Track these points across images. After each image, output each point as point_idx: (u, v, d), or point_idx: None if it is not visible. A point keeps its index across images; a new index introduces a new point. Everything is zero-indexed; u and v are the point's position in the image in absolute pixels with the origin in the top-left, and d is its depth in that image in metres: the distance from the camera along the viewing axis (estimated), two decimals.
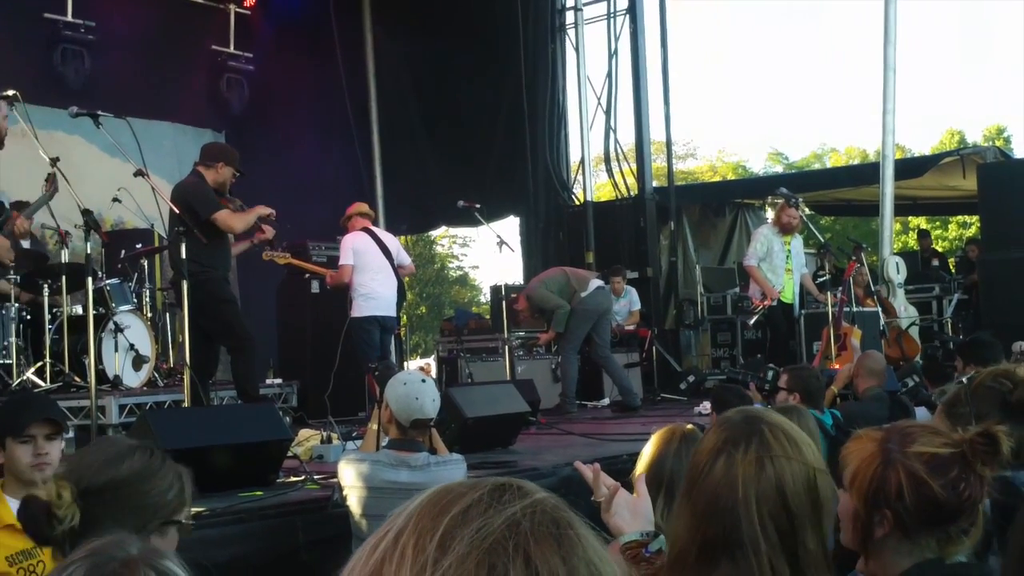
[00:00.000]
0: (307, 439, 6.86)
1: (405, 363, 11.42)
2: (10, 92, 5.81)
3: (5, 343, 8.59)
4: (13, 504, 3.44)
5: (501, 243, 10.01)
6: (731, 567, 1.79)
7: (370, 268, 9.05)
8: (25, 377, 8.34)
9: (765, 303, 10.27)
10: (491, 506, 0.98)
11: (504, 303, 10.31)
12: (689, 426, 3.24)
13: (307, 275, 10.37)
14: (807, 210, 11.25)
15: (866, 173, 16.12)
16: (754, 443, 1.86)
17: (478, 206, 10.20)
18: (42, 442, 3.50)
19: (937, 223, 32.49)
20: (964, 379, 5.92)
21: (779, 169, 39.99)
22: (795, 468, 1.87)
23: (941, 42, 70.39)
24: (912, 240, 31.20)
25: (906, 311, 11.98)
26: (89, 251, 5.77)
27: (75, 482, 2.43)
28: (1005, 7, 55.65)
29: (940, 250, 21.88)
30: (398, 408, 4.38)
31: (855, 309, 10.59)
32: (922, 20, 63.75)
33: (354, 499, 4.23)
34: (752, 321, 10.23)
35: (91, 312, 5.86)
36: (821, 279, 11.17)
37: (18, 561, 3.33)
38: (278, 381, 10.07)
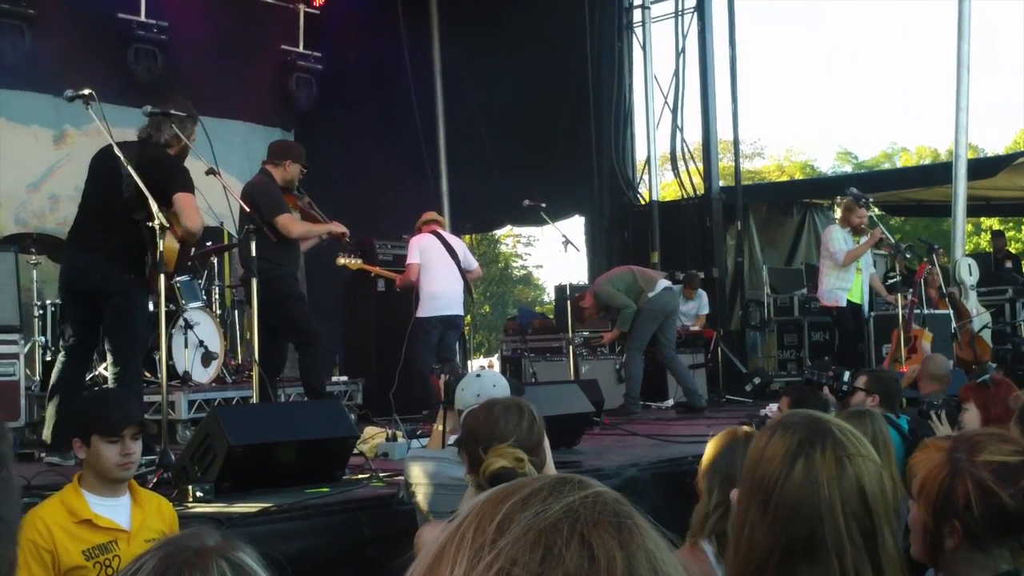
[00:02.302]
0: (372, 437, 6.92)
1: (469, 362, 11.46)
2: (86, 91, 5.90)
3: None
4: (90, 499, 3.50)
5: (566, 242, 9.99)
6: (811, 571, 1.76)
7: (435, 267, 9.13)
8: (97, 372, 8.50)
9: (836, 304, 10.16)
10: (551, 494, 0.99)
11: (568, 303, 10.30)
12: (747, 427, 3.25)
13: (373, 274, 10.44)
14: (877, 210, 11.08)
15: (938, 173, 15.88)
16: (829, 443, 1.82)
17: (543, 205, 10.18)
18: (129, 442, 3.57)
19: (1010, 224, 31.84)
20: None
21: (848, 169, 39.52)
22: (870, 466, 1.84)
23: (1013, 38, 69.02)
24: (984, 241, 30.67)
25: (978, 314, 11.76)
26: (163, 248, 5.84)
27: (521, 446, 3.14)
28: None
29: (1013, 251, 21.45)
30: (458, 406, 4.43)
31: (926, 311, 10.42)
32: (995, 16, 62.56)
33: (420, 496, 4.26)
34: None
35: (163, 309, 5.94)
36: (892, 280, 11.00)
37: (94, 555, 3.38)
38: (343, 378, 10.16)
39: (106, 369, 8.43)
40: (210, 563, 1.41)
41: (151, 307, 8.99)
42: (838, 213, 12.77)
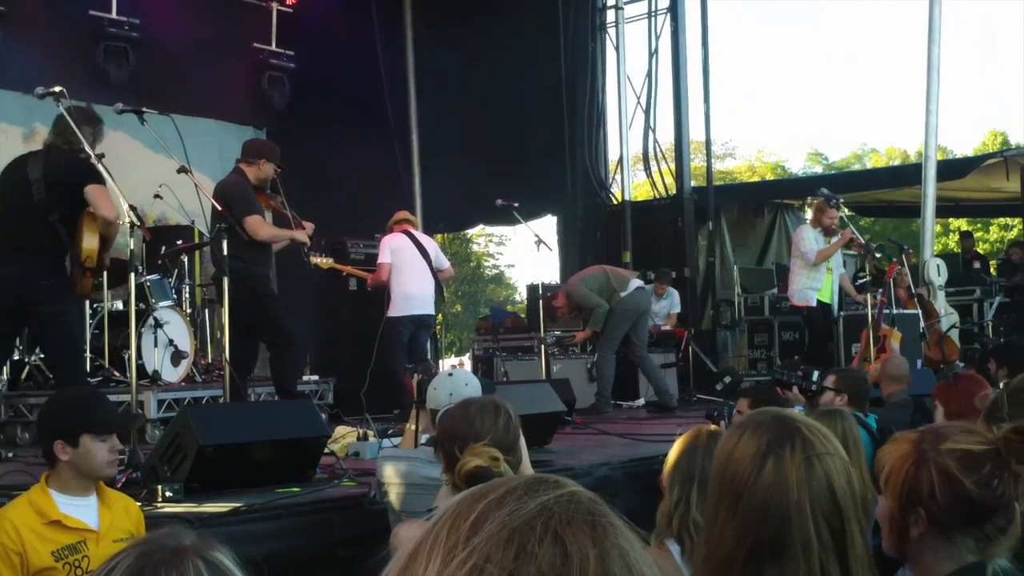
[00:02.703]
0: (343, 436, 6.90)
1: (440, 361, 11.46)
2: (57, 88, 5.86)
3: None
4: (59, 499, 3.47)
5: (539, 242, 10.01)
6: (779, 570, 1.76)
7: (406, 267, 9.13)
8: None
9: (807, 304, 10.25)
10: (526, 493, 1.00)
11: (541, 302, 10.31)
12: (713, 427, 3.27)
13: (346, 274, 10.42)
14: (847, 211, 11.16)
15: (908, 174, 16.03)
16: (798, 443, 1.82)
17: (516, 204, 10.19)
18: (114, 440, 3.60)
19: (978, 225, 32.15)
20: (1001, 384, 5.88)
21: (818, 170, 39.78)
22: (838, 464, 1.84)
23: (982, 42, 69.63)
24: (953, 242, 30.96)
25: (946, 314, 11.86)
26: (133, 247, 5.82)
27: (497, 446, 3.11)
28: None
29: (981, 252, 21.65)
30: (431, 405, 4.44)
31: (895, 311, 10.50)
32: (964, 19, 63.08)
33: (393, 496, 4.26)
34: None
35: (133, 308, 5.91)
36: (862, 280, 11.08)
37: (64, 556, 3.36)
38: (314, 378, 10.12)
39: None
40: (187, 562, 1.41)
41: (121, 306, 8.99)
42: (809, 213, 12.85)
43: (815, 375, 6.37)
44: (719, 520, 1.81)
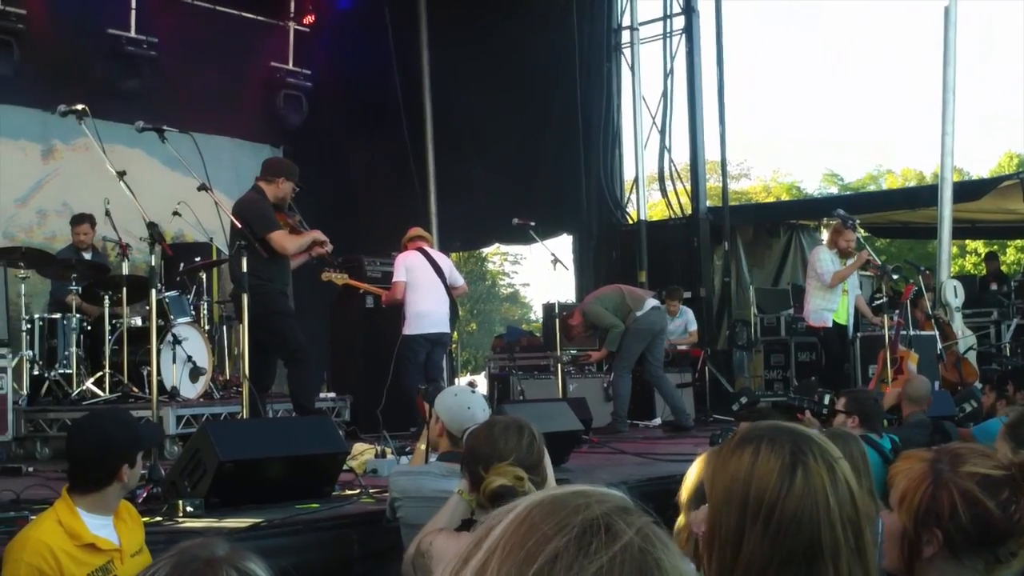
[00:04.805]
0: (361, 453, 6.91)
1: (456, 379, 11.46)
2: (79, 106, 5.93)
3: (66, 353, 8.77)
4: (87, 519, 3.44)
5: (556, 261, 10.04)
6: None
7: (421, 285, 9.15)
8: (85, 387, 8.50)
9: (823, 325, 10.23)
10: (577, 558, 0.97)
11: (557, 321, 10.31)
12: None
13: (362, 291, 10.45)
14: (863, 232, 11.15)
15: (923, 195, 15.98)
16: (817, 450, 1.81)
17: (532, 224, 10.21)
18: None
19: (995, 246, 32.05)
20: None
21: (834, 190, 39.68)
22: (850, 468, 1.84)
23: (998, 64, 69.57)
24: (970, 264, 30.89)
25: (964, 335, 11.82)
26: (153, 263, 5.85)
27: (521, 465, 3.15)
28: None
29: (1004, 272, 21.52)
30: (450, 419, 4.43)
31: (912, 333, 10.47)
32: (979, 41, 63.01)
33: (405, 511, 4.27)
34: None
35: (154, 324, 5.94)
36: (878, 302, 11.05)
37: None
38: (331, 395, 10.14)
39: (92, 384, 8.49)
40: (220, 573, 1.42)
41: (139, 322, 9.03)
42: (825, 234, 12.83)
43: (827, 398, 6.36)
44: (747, 538, 1.79)
